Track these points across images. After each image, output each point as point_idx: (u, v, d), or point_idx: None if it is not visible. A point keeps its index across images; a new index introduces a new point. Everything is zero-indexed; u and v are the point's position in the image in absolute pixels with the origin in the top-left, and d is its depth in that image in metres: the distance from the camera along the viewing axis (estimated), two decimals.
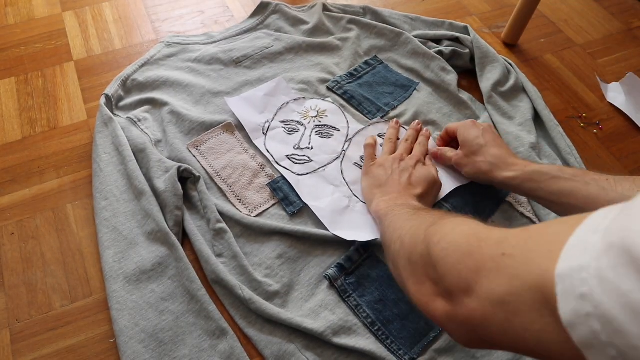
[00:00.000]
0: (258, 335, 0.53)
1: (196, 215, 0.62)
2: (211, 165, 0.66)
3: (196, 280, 0.55)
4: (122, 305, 0.53)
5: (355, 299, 0.55)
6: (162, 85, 0.74)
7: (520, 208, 0.64)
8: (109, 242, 0.58)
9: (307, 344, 0.52)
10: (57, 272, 0.58)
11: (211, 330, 0.52)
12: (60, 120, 0.73)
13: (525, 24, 0.86)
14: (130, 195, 0.62)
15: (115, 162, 0.65)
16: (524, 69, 0.84)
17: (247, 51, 0.80)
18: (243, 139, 0.69)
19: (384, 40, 0.84)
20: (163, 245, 0.57)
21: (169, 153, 0.67)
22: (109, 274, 0.55)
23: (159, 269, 0.56)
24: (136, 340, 0.51)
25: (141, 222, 0.59)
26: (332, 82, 0.77)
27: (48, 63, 0.80)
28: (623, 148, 0.75)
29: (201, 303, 0.53)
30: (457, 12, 0.94)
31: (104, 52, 0.82)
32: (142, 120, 0.70)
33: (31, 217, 0.62)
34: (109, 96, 0.71)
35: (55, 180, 0.66)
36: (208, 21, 0.89)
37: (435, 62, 0.79)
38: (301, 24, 0.86)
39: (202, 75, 0.77)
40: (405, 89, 0.78)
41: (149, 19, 0.89)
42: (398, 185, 0.59)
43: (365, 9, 0.88)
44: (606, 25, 0.95)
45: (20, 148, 0.70)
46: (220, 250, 0.58)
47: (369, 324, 0.54)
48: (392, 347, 0.52)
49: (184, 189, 0.62)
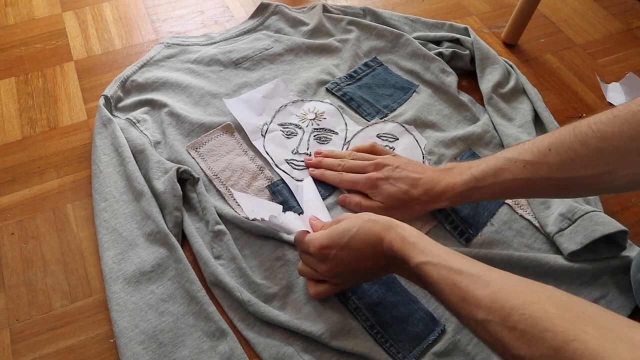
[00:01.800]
0: (256, 338, 0.53)
1: (195, 216, 0.62)
2: (210, 167, 0.66)
3: (196, 281, 0.55)
4: (122, 307, 0.53)
5: (354, 302, 0.55)
6: (161, 87, 0.74)
7: (520, 210, 0.64)
8: (109, 243, 0.58)
9: (305, 346, 0.52)
10: (57, 272, 0.58)
11: (211, 332, 0.52)
12: (60, 120, 0.73)
13: (525, 24, 0.86)
14: (129, 196, 0.62)
15: (114, 163, 0.65)
16: (523, 69, 0.84)
17: (247, 52, 0.80)
18: (242, 141, 0.69)
19: (384, 41, 0.83)
20: (163, 246, 0.57)
21: (168, 154, 0.67)
22: (108, 275, 0.56)
23: (158, 270, 0.56)
24: (136, 342, 0.51)
25: (141, 223, 0.59)
26: (331, 83, 0.77)
27: (48, 63, 0.80)
28: None
29: (201, 304, 0.53)
30: (457, 12, 0.94)
31: (104, 52, 0.83)
32: (141, 121, 0.70)
33: (31, 217, 0.63)
34: (107, 97, 0.71)
35: (55, 180, 0.66)
36: (208, 21, 0.89)
37: (435, 63, 0.79)
38: (301, 25, 0.86)
39: (202, 76, 0.77)
40: (404, 90, 0.78)
41: (149, 19, 0.89)
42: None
43: (365, 10, 0.88)
44: (606, 25, 0.95)
45: (20, 148, 0.70)
46: (219, 252, 0.59)
47: (367, 327, 0.54)
48: (391, 350, 0.52)
49: (183, 191, 0.62)
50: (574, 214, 0.60)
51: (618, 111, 0.45)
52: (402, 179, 0.59)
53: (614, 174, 0.46)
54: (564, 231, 0.59)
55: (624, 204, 0.67)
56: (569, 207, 0.61)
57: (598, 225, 0.57)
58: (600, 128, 0.45)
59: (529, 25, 0.87)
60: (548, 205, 0.63)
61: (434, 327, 0.54)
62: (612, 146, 0.45)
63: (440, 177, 0.58)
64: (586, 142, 0.46)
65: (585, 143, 0.46)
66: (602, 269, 0.58)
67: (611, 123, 0.45)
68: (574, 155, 0.47)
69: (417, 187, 0.58)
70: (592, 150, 0.46)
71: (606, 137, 0.45)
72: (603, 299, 0.57)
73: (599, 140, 0.45)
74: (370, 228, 0.49)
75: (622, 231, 0.57)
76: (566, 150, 0.47)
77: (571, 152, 0.47)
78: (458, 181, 0.56)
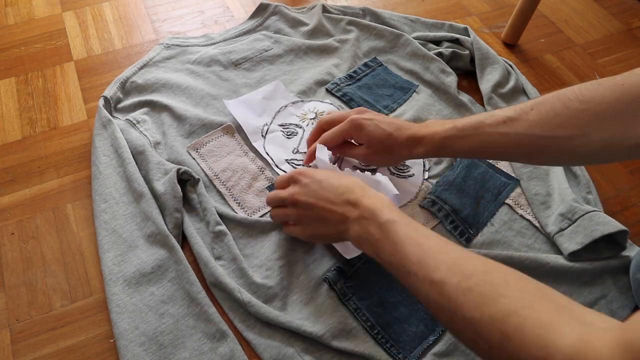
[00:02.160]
0: (257, 339, 0.53)
1: (195, 217, 0.62)
2: (210, 168, 0.66)
3: (196, 282, 0.55)
4: (122, 308, 0.53)
5: (355, 302, 0.55)
6: (161, 88, 0.74)
7: (520, 210, 0.64)
8: (109, 244, 0.58)
9: (306, 347, 0.52)
10: (57, 272, 0.58)
11: (211, 333, 0.52)
12: (61, 120, 0.73)
13: (525, 24, 0.86)
14: (129, 197, 0.62)
15: (114, 165, 0.64)
16: (523, 69, 0.84)
17: (247, 53, 0.80)
18: (243, 142, 0.69)
19: (384, 41, 0.83)
20: (163, 247, 0.57)
21: (168, 155, 0.67)
22: (108, 276, 0.55)
23: (158, 271, 0.56)
24: (136, 344, 0.51)
25: (141, 225, 0.59)
26: (331, 84, 0.77)
27: (48, 63, 0.80)
28: None
29: (201, 306, 0.53)
30: (457, 12, 0.94)
31: (104, 52, 0.83)
32: (140, 122, 0.70)
33: (31, 217, 0.63)
34: (107, 98, 0.71)
35: (55, 180, 0.66)
36: (208, 21, 0.89)
37: (435, 63, 0.79)
38: (301, 25, 0.86)
39: (202, 77, 0.77)
40: (404, 91, 0.78)
41: (149, 18, 0.89)
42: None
43: (365, 11, 0.88)
44: (606, 25, 0.95)
45: (20, 148, 0.70)
46: (219, 253, 0.58)
47: (368, 328, 0.54)
48: (391, 350, 0.52)
49: (183, 192, 0.62)
50: (574, 213, 0.60)
51: (604, 81, 0.47)
52: (387, 123, 0.60)
53: (588, 137, 0.47)
54: (564, 231, 0.59)
55: (624, 204, 0.68)
56: (569, 207, 0.61)
57: (598, 225, 0.57)
58: (583, 92, 0.48)
59: (529, 25, 0.87)
60: (548, 205, 0.63)
61: (435, 327, 0.54)
62: (591, 109, 0.47)
63: (423, 125, 0.59)
64: (567, 103, 0.48)
65: (567, 104, 0.48)
66: (603, 269, 0.58)
67: (594, 89, 0.47)
68: (553, 115, 0.49)
69: (401, 130, 0.59)
70: (572, 111, 0.48)
71: (586, 99, 0.47)
72: (603, 298, 0.57)
73: (580, 102, 0.47)
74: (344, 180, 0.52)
75: (622, 231, 0.57)
76: (547, 110, 0.49)
77: (551, 112, 0.49)
78: (439, 129, 0.57)
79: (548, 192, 0.64)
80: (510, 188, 0.66)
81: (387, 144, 0.59)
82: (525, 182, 0.66)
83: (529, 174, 0.66)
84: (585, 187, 0.65)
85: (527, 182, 0.66)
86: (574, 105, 0.48)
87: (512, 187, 0.66)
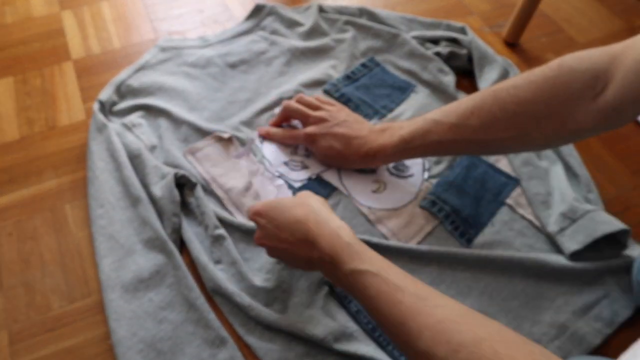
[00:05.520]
0: (258, 343, 0.52)
1: (194, 221, 0.61)
2: (208, 172, 0.66)
3: (194, 288, 0.54)
4: (120, 315, 0.52)
5: (356, 305, 0.55)
6: (157, 91, 0.73)
7: (521, 210, 0.64)
8: (106, 250, 0.57)
9: (307, 350, 0.52)
10: (56, 273, 0.58)
11: (210, 339, 0.52)
12: (59, 120, 0.73)
13: (526, 23, 0.86)
14: (126, 202, 0.61)
15: (110, 169, 0.64)
16: (525, 68, 0.84)
17: (243, 55, 0.79)
18: (240, 145, 0.69)
19: (381, 41, 0.83)
20: (160, 253, 0.57)
21: (164, 159, 0.66)
22: (106, 282, 0.55)
23: (156, 277, 0.55)
24: (135, 350, 0.50)
25: (138, 230, 0.58)
26: (329, 84, 0.76)
27: (46, 62, 0.80)
28: (625, 148, 0.74)
29: (200, 312, 0.53)
30: (458, 11, 0.94)
31: (103, 52, 0.82)
32: (136, 125, 0.69)
33: (29, 218, 0.62)
34: (102, 102, 0.70)
35: (53, 180, 0.66)
36: (207, 20, 0.89)
37: (433, 63, 0.79)
38: (297, 25, 0.85)
39: (198, 79, 0.76)
40: (402, 90, 0.77)
41: (147, 17, 0.88)
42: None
43: (362, 11, 0.87)
44: (608, 24, 0.94)
45: (19, 148, 0.69)
46: (218, 257, 0.58)
47: (369, 330, 0.53)
48: (393, 353, 0.52)
49: (181, 196, 0.61)
50: (575, 213, 0.59)
51: (534, 76, 0.49)
52: (338, 137, 0.62)
53: (529, 136, 0.50)
54: (565, 231, 0.59)
55: (626, 204, 0.67)
56: (570, 206, 0.60)
57: (599, 224, 0.57)
58: (518, 94, 0.49)
59: (530, 24, 0.86)
60: (549, 205, 0.63)
61: None
62: (528, 111, 0.49)
63: (373, 138, 0.61)
64: (504, 107, 0.50)
65: (504, 108, 0.50)
66: (604, 269, 0.58)
67: (527, 88, 0.49)
68: (493, 119, 0.51)
69: (350, 147, 0.62)
70: (510, 115, 0.50)
71: (522, 102, 0.49)
72: (606, 298, 0.56)
73: (516, 105, 0.49)
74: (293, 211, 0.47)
75: (623, 230, 0.57)
76: (486, 114, 0.51)
77: (491, 116, 0.51)
78: (388, 144, 0.59)
79: (548, 192, 0.64)
80: (510, 188, 0.66)
81: (339, 158, 0.63)
82: (526, 181, 0.66)
83: (529, 174, 0.66)
84: (586, 186, 0.65)
85: (527, 181, 0.66)
86: (511, 108, 0.50)
87: (512, 187, 0.66)
